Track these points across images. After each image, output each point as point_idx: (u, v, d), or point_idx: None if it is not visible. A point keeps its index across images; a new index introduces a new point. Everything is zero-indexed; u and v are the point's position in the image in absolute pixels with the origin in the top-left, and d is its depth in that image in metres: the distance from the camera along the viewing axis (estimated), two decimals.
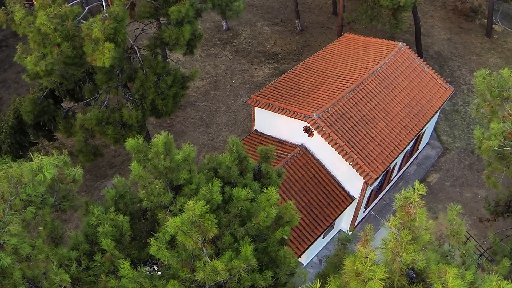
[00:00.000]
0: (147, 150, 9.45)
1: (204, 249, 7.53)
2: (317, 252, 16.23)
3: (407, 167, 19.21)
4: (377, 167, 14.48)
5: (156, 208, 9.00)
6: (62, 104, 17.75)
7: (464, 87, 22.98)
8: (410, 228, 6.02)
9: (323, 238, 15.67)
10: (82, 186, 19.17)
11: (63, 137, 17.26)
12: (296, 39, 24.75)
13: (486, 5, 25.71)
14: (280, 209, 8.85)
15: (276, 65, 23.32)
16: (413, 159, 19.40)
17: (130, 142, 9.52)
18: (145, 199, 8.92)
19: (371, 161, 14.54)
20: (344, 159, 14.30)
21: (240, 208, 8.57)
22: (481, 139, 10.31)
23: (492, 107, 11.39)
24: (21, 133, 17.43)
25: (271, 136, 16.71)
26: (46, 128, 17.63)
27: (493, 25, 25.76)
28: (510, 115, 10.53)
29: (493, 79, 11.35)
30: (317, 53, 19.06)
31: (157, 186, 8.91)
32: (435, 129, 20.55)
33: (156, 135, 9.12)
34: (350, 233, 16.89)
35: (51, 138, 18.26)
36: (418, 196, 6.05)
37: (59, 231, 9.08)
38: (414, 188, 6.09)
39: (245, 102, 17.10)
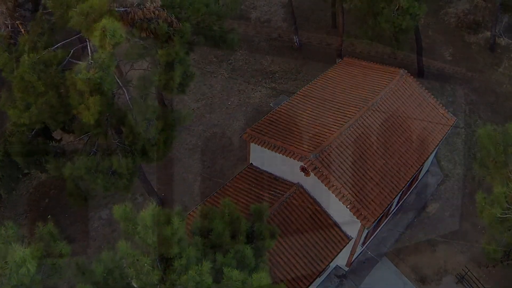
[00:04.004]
0: (135, 221, 9.15)
1: None
2: None
3: (406, 197, 18.87)
4: (374, 209, 14.14)
5: (146, 286, 8.72)
6: (53, 134, 17.30)
7: (466, 108, 22.43)
8: None
9: (319, 277, 15.45)
10: (76, 216, 18.90)
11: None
12: (294, 56, 24.06)
13: (489, 18, 24.87)
14: None
15: (274, 85, 22.72)
16: (413, 189, 19.04)
17: (117, 211, 9.25)
18: (133, 277, 8.64)
19: (369, 203, 14.19)
20: (341, 202, 13.95)
21: None
22: (483, 204, 9.93)
23: (496, 162, 10.97)
24: (12, 166, 17.05)
25: (267, 172, 16.31)
26: (38, 160, 17.24)
27: (496, 38, 24.96)
28: None
29: (498, 135, 10.91)
30: (315, 80, 18.47)
31: (145, 264, 8.63)
32: (435, 155, 20.11)
33: (143, 209, 8.80)
34: (347, 268, 16.69)
35: (43, 169, 17.86)
36: None
37: None
38: None
39: (241, 137, 16.62)
